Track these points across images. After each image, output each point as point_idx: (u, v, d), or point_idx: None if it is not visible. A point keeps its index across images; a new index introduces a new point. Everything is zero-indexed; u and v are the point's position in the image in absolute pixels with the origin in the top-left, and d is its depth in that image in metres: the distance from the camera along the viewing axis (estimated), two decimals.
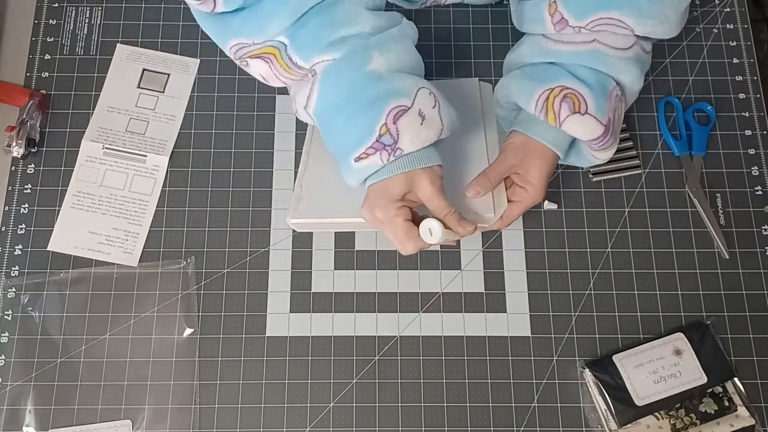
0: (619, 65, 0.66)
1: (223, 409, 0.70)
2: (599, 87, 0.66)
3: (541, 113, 0.66)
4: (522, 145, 0.69)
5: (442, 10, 0.84)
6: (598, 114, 0.65)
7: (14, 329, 0.72)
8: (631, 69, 0.66)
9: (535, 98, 0.66)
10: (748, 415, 0.69)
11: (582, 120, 0.65)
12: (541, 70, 0.68)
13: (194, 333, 0.72)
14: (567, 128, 0.66)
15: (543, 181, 0.68)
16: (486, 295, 0.74)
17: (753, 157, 0.79)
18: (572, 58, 0.67)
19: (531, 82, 0.68)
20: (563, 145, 0.68)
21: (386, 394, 0.71)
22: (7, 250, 0.75)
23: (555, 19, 0.67)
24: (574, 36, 0.67)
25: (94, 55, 0.82)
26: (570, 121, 0.65)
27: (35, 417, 0.69)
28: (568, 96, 0.65)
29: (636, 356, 0.70)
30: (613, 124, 0.67)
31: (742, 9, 0.85)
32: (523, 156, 0.68)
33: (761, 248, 0.75)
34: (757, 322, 0.73)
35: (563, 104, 0.65)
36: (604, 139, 0.67)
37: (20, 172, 0.78)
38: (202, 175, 0.78)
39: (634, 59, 0.66)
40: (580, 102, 0.65)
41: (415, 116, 0.62)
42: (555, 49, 0.68)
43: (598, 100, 0.65)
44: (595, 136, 0.66)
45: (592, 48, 0.66)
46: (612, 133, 0.67)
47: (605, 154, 0.71)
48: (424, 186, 0.63)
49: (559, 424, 0.70)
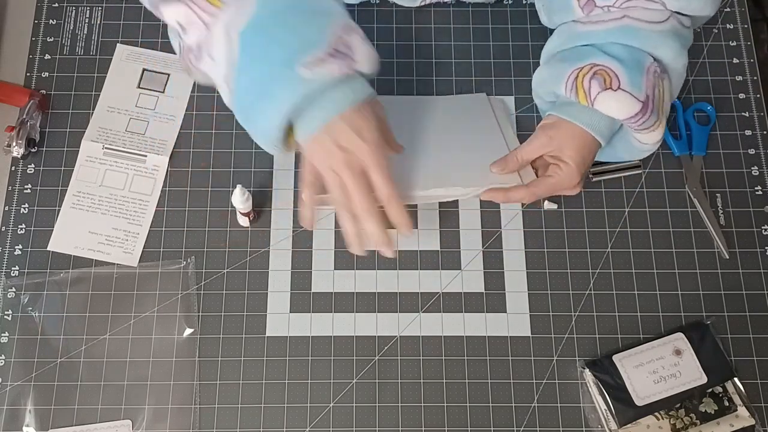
0: (654, 39, 0.63)
1: (223, 409, 0.70)
2: (633, 62, 0.63)
3: (571, 93, 0.64)
4: (554, 125, 0.67)
5: (442, 10, 0.84)
6: (633, 89, 0.62)
7: (14, 329, 0.72)
8: (669, 43, 0.63)
9: (565, 79, 0.65)
10: (748, 415, 0.69)
11: (615, 96, 0.62)
12: (573, 52, 0.67)
13: (194, 333, 0.72)
14: (600, 106, 0.63)
15: (577, 162, 0.65)
16: (486, 295, 0.74)
17: (753, 157, 0.79)
18: (603, 37, 0.65)
19: (562, 64, 0.66)
20: (601, 128, 0.65)
21: (386, 394, 0.71)
22: (7, 250, 0.75)
23: (582, 2, 0.65)
24: (603, 16, 0.65)
25: (94, 55, 0.82)
26: (602, 98, 0.63)
27: (35, 417, 0.69)
28: (599, 73, 0.63)
29: (636, 356, 0.70)
30: (653, 101, 0.64)
31: (742, 9, 0.85)
32: (554, 134, 0.66)
33: (761, 248, 0.75)
34: (757, 322, 0.73)
35: (593, 81, 0.63)
36: (643, 116, 0.63)
37: (20, 172, 0.78)
38: (202, 175, 0.78)
39: (671, 33, 0.63)
40: (611, 78, 0.63)
41: (362, 37, 0.58)
42: (585, 31, 0.66)
43: (632, 75, 0.62)
44: (632, 113, 0.63)
45: (623, 24, 0.63)
46: (653, 110, 0.64)
47: (651, 136, 0.67)
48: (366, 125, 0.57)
49: (559, 424, 0.70)
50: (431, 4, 0.84)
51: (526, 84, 0.80)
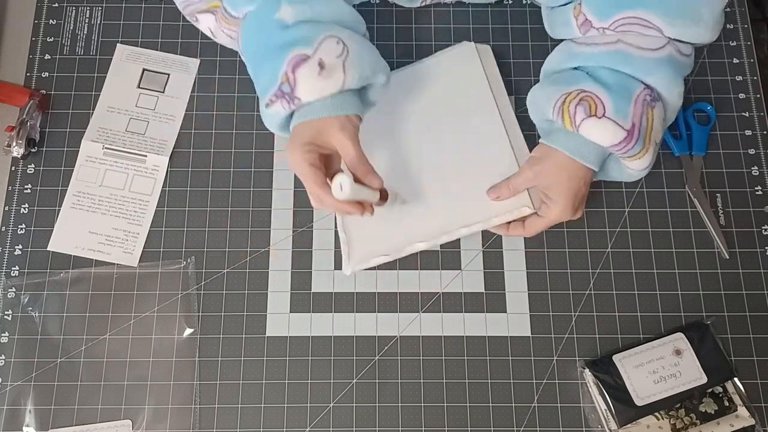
0: (647, 66, 0.63)
1: (223, 409, 0.70)
2: (620, 89, 0.63)
3: (558, 118, 0.65)
4: (540, 159, 0.67)
5: (442, 10, 0.84)
6: (619, 117, 0.62)
7: (14, 329, 0.72)
8: (663, 70, 0.63)
9: (553, 103, 0.65)
10: (748, 415, 0.69)
11: (599, 123, 0.62)
12: (565, 75, 0.67)
13: (194, 333, 0.72)
14: (584, 132, 0.64)
15: (566, 198, 0.66)
16: (486, 295, 0.74)
17: (753, 157, 0.79)
18: (595, 60, 0.65)
19: (553, 87, 0.67)
20: (589, 156, 0.65)
21: (386, 394, 0.71)
22: (7, 250, 0.75)
23: (579, 21, 0.66)
24: (598, 38, 0.65)
25: (94, 55, 0.82)
26: (586, 124, 0.63)
27: (35, 417, 0.69)
28: (584, 99, 0.63)
29: (636, 356, 0.70)
30: (639, 130, 0.63)
31: (742, 9, 0.85)
32: (540, 170, 0.67)
33: (761, 248, 0.75)
34: (757, 322, 0.73)
35: (578, 107, 0.63)
36: (627, 144, 0.63)
37: (20, 172, 0.78)
38: (202, 175, 0.78)
39: (667, 60, 0.63)
40: (596, 105, 0.63)
41: (314, 66, 0.61)
42: (579, 52, 0.66)
43: (617, 103, 0.63)
44: (616, 140, 0.63)
45: (616, 49, 0.64)
46: (638, 138, 0.63)
47: (637, 164, 0.66)
48: (333, 132, 0.62)
49: (559, 424, 0.70)
50: (431, 4, 0.84)
51: (526, 84, 0.80)
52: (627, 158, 0.66)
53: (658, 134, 0.66)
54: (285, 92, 0.62)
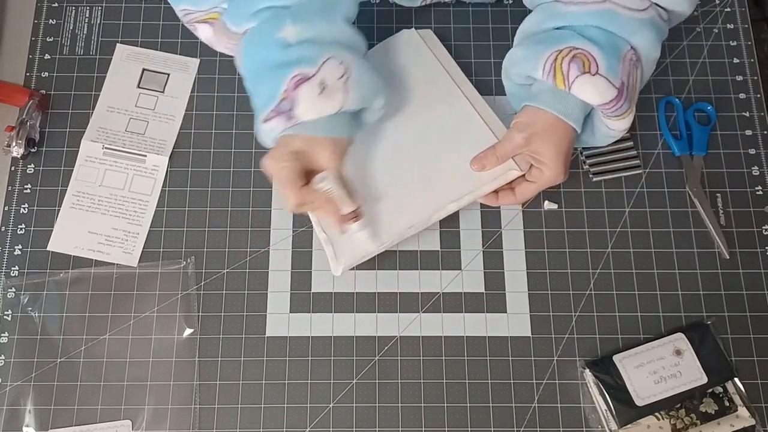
0: (633, 26, 0.64)
1: (223, 409, 0.70)
2: (611, 47, 0.64)
3: (549, 76, 0.64)
4: (528, 123, 0.67)
5: (442, 9, 0.84)
6: (610, 75, 0.63)
7: (14, 329, 0.72)
8: (646, 32, 0.64)
9: (543, 61, 0.65)
10: (748, 415, 0.69)
11: (593, 81, 0.63)
12: (550, 34, 0.66)
13: (194, 333, 0.72)
14: (577, 90, 0.64)
15: (557, 160, 0.66)
16: (486, 295, 0.74)
17: (753, 157, 0.79)
18: (583, 19, 0.65)
19: (539, 46, 0.66)
20: (575, 114, 0.66)
21: (386, 395, 0.70)
22: (7, 250, 0.75)
23: None
24: None
25: (94, 55, 0.82)
26: (580, 81, 0.63)
27: (35, 417, 0.69)
28: (578, 56, 0.63)
29: (636, 356, 0.70)
30: (628, 89, 0.65)
31: (742, 9, 0.85)
32: (530, 134, 0.66)
33: (761, 248, 0.75)
34: (758, 322, 0.73)
35: (572, 64, 0.63)
36: (617, 103, 0.64)
37: (20, 172, 0.78)
38: (202, 175, 0.78)
39: (650, 22, 0.64)
40: (590, 62, 0.63)
41: (315, 86, 0.62)
42: (565, 11, 0.66)
43: (609, 61, 0.63)
44: (607, 99, 0.63)
45: (605, 8, 0.64)
46: (626, 99, 0.65)
47: (621, 123, 0.68)
48: (322, 152, 0.64)
49: (560, 425, 0.69)
50: (431, 4, 0.84)
51: None
52: (613, 117, 0.67)
53: (636, 95, 0.68)
54: (284, 110, 0.63)
